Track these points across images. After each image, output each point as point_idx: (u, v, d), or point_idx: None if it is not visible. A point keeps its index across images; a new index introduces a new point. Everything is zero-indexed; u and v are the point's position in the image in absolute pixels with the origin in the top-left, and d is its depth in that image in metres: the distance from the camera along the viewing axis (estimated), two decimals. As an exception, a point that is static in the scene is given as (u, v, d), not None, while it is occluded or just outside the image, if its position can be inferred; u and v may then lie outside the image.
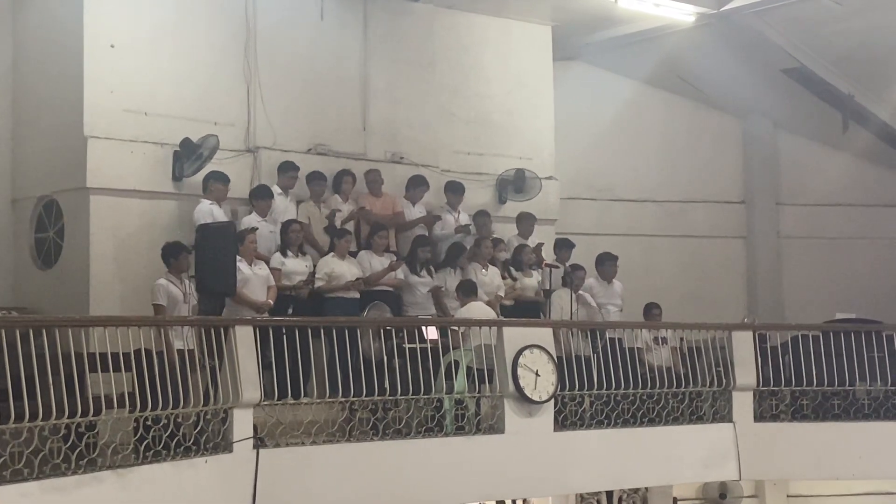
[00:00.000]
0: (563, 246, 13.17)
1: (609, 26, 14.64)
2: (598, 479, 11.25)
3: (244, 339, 8.94)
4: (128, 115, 11.36)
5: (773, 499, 13.74)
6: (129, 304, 10.85)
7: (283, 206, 11.84)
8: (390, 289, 11.79)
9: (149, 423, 8.26)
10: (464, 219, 12.91)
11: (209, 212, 11.07)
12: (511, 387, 10.25)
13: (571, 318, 11.83)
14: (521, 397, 10.29)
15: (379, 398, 9.75)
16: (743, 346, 11.62)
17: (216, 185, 11.25)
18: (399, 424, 9.84)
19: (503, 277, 12.52)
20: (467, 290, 11.52)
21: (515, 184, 13.80)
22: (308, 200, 12.08)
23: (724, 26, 14.29)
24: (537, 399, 10.35)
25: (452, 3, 13.63)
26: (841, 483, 13.29)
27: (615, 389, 10.97)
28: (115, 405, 8.29)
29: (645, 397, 11.16)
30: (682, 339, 11.90)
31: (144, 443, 8.20)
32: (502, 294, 12.33)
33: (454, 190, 13.02)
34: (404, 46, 13.28)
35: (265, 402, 9.17)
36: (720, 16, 14.06)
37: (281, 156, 12.12)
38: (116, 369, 8.08)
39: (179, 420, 8.51)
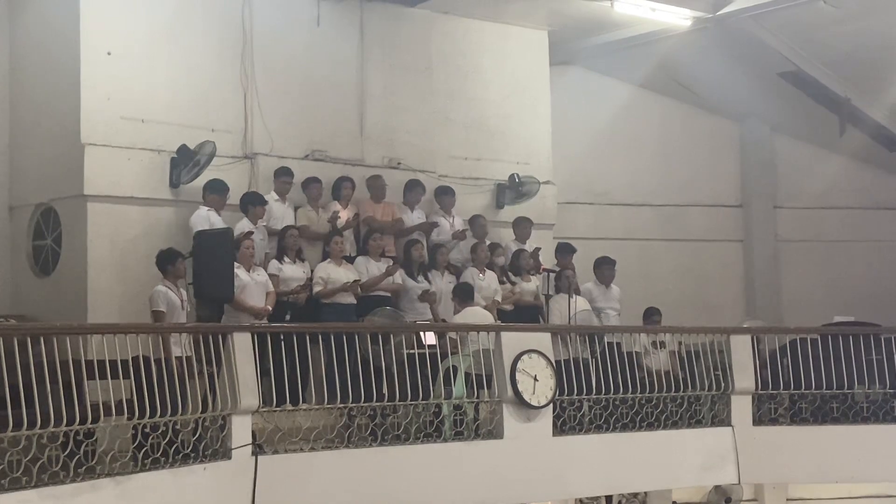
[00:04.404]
0: (565, 251, 13.18)
1: (605, 31, 14.65)
2: (597, 484, 11.23)
3: (242, 346, 8.93)
4: (125, 122, 11.36)
5: (772, 502, 13.73)
6: (127, 311, 10.84)
7: (281, 213, 11.84)
8: (387, 294, 11.78)
9: (147, 430, 8.24)
10: (458, 223, 12.93)
11: (206, 218, 11.07)
12: (510, 392, 10.25)
13: (570, 321, 11.82)
14: (520, 402, 10.29)
15: (377, 404, 9.74)
16: (741, 350, 11.62)
17: (212, 195, 11.25)
18: (398, 430, 9.82)
19: (501, 282, 12.53)
20: (464, 295, 11.52)
21: (513, 188, 13.82)
22: (306, 205, 12.08)
23: (720, 30, 14.30)
24: (536, 404, 10.35)
25: (449, 9, 13.64)
26: (840, 486, 13.27)
27: (614, 394, 10.97)
28: (114, 412, 8.28)
29: (644, 401, 11.15)
30: (680, 343, 11.91)
31: (143, 450, 8.19)
32: (499, 299, 12.33)
33: (445, 193, 13.04)
34: (401, 51, 13.29)
35: (263, 409, 9.16)
36: (716, 20, 14.06)
37: (278, 162, 12.12)
38: (115, 377, 8.06)
39: (178, 427, 8.50)
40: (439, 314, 11.90)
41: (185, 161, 11.45)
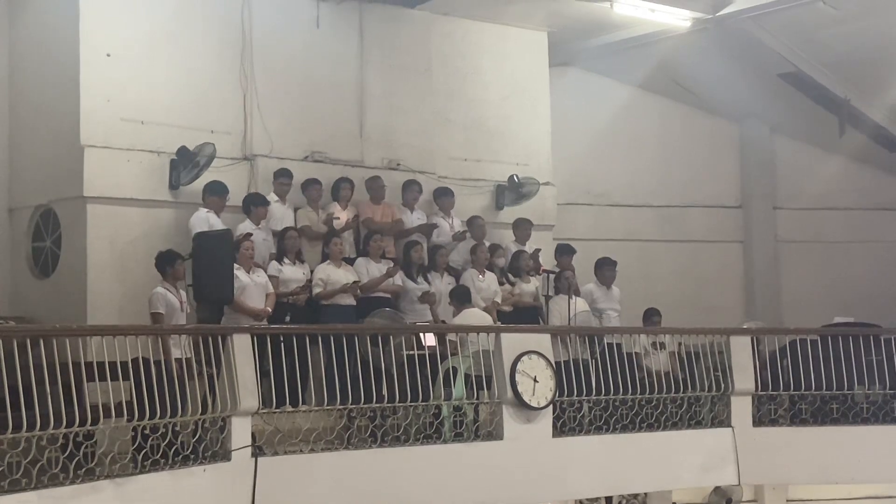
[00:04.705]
0: (564, 252, 13.18)
1: (605, 32, 14.66)
2: (597, 485, 11.22)
3: (242, 347, 8.93)
4: (124, 123, 11.36)
5: (772, 503, 13.73)
6: (126, 312, 10.84)
7: (281, 214, 11.84)
8: (387, 295, 11.77)
9: (147, 431, 8.24)
10: (458, 224, 12.92)
11: (205, 220, 11.07)
12: (509, 393, 10.24)
13: (569, 323, 11.82)
14: (520, 403, 10.28)
15: (377, 405, 9.74)
16: (741, 351, 11.61)
17: (212, 197, 11.25)
18: (397, 432, 9.83)
19: (501, 284, 12.53)
20: (461, 298, 11.51)
21: (512, 190, 13.82)
22: (305, 206, 12.08)
23: (719, 31, 14.30)
24: (536, 405, 10.35)
25: (448, 10, 13.64)
26: (840, 487, 13.27)
27: (614, 395, 10.96)
28: (113, 414, 8.27)
29: (643, 402, 11.15)
30: (680, 344, 11.91)
31: (143, 452, 8.18)
32: (499, 300, 12.32)
33: (444, 194, 13.03)
34: (400, 53, 13.29)
35: (263, 410, 9.15)
36: (716, 21, 14.07)
37: (278, 164, 12.12)
38: (114, 378, 8.06)
39: (178, 429, 8.49)
40: (439, 315, 11.90)
41: (185, 162, 11.45)
